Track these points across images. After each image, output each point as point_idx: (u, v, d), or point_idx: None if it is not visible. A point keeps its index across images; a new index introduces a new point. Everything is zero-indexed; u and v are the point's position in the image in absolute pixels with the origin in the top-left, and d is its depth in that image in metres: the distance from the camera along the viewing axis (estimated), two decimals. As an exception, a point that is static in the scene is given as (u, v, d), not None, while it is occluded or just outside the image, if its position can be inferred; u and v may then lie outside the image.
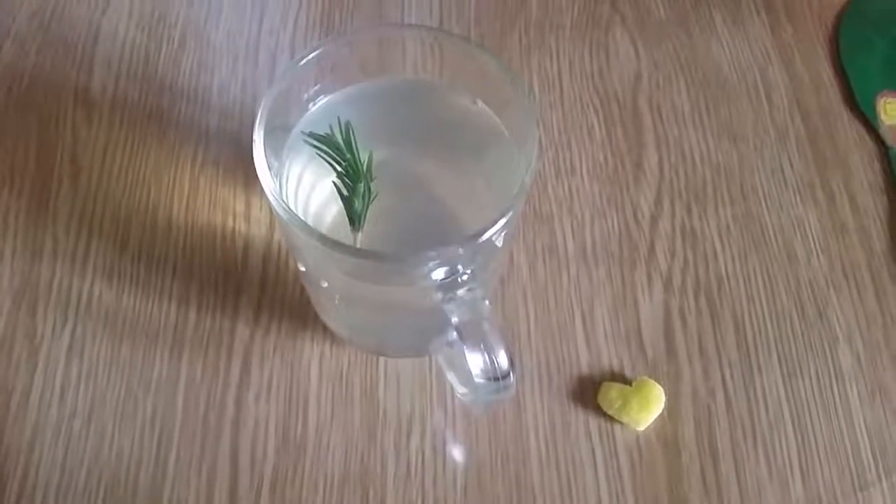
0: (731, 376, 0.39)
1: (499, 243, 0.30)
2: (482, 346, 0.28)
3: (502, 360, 0.28)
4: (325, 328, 0.39)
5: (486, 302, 0.28)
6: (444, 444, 0.37)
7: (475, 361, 0.28)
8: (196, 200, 0.42)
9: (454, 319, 0.28)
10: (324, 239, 0.27)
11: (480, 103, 0.34)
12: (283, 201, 0.28)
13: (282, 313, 0.39)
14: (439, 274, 0.29)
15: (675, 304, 0.40)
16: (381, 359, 0.38)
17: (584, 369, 0.38)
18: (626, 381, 0.38)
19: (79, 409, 0.36)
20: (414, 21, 0.48)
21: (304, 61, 0.31)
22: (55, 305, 0.39)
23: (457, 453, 0.36)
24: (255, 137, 0.30)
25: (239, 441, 0.36)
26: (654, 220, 0.42)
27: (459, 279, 0.29)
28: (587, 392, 0.38)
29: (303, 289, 0.39)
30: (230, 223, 0.41)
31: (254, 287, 0.40)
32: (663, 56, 0.48)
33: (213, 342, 0.38)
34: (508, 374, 0.28)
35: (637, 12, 0.49)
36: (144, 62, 0.46)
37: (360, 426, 0.37)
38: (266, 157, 0.29)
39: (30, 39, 0.47)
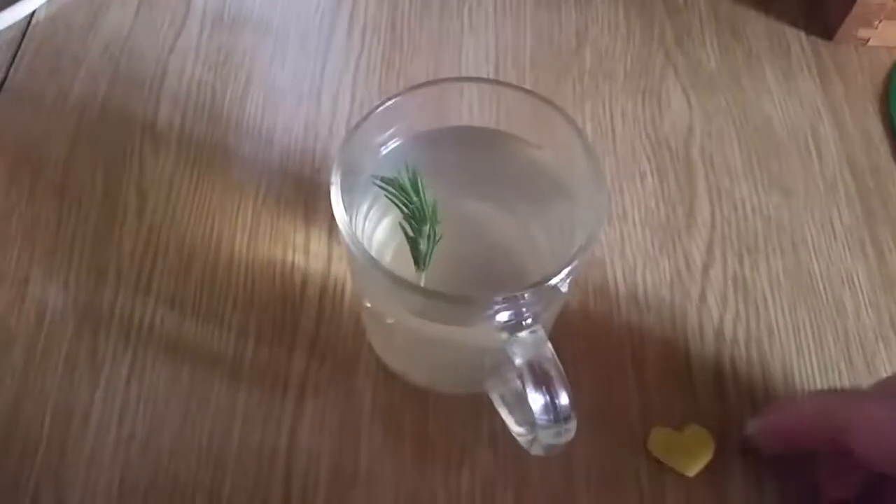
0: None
1: (563, 289, 0.31)
2: (545, 388, 0.28)
3: (564, 402, 0.28)
4: (377, 362, 0.39)
5: (549, 344, 0.29)
6: (494, 484, 0.37)
7: (537, 403, 0.28)
8: (258, 234, 0.43)
9: (517, 360, 0.29)
10: (397, 279, 0.28)
11: (543, 152, 0.35)
12: (360, 243, 0.29)
13: (336, 346, 0.40)
14: (504, 316, 0.29)
15: (726, 353, 0.40)
16: (431, 394, 0.39)
17: (635, 414, 0.39)
18: (677, 427, 0.38)
19: (137, 433, 0.37)
20: (471, 66, 0.49)
21: (378, 110, 0.32)
22: (117, 330, 0.40)
23: (507, 491, 0.37)
24: (332, 181, 0.30)
25: (292, 473, 0.36)
26: (706, 268, 0.43)
27: (523, 322, 0.29)
28: (637, 437, 0.38)
29: (357, 323, 0.40)
30: (290, 257, 0.42)
31: (310, 320, 0.40)
32: (715, 108, 0.49)
33: (269, 372, 0.39)
34: (570, 416, 0.28)
35: (689, 63, 0.50)
36: (210, 99, 0.47)
37: (410, 461, 0.37)
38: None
39: (101, 72, 0.48)
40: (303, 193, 0.44)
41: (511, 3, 0.52)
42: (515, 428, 0.35)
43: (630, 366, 0.40)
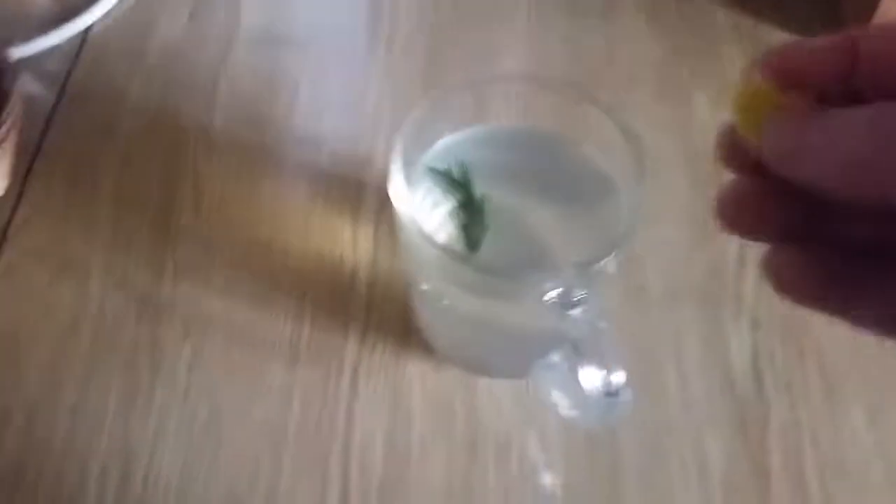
0: (817, 413, 0.40)
1: (611, 269, 0.32)
2: (600, 363, 0.30)
3: (620, 376, 0.30)
4: (426, 348, 0.41)
5: (603, 321, 0.30)
6: (543, 465, 0.38)
7: (593, 378, 0.30)
8: (308, 231, 0.45)
9: (571, 337, 0.30)
10: (455, 255, 0.30)
11: (586, 147, 0.37)
12: (419, 223, 0.31)
13: (386, 334, 0.41)
14: (555, 294, 0.31)
15: (762, 343, 0.42)
16: (480, 379, 0.40)
17: (676, 402, 0.40)
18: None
19: (199, 413, 0.39)
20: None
21: (431, 106, 0.35)
22: (178, 318, 0.41)
23: (555, 474, 0.38)
24: (393, 168, 0.32)
25: (349, 449, 0.38)
26: (741, 264, 0.44)
27: (575, 300, 0.31)
28: (680, 423, 0.39)
29: (406, 311, 0.42)
30: (338, 251, 0.44)
31: (360, 309, 0.42)
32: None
33: (324, 357, 0.40)
34: (626, 390, 0.30)
35: (714, 73, 0.52)
36: (260, 108, 0.50)
37: (461, 442, 0.39)
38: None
39: (154, 82, 0.51)
40: (349, 194, 0.46)
41: (544, 15, 0.55)
42: (567, 410, 0.36)
43: (670, 357, 0.41)
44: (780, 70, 0.20)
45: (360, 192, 0.46)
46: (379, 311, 0.42)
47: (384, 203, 0.46)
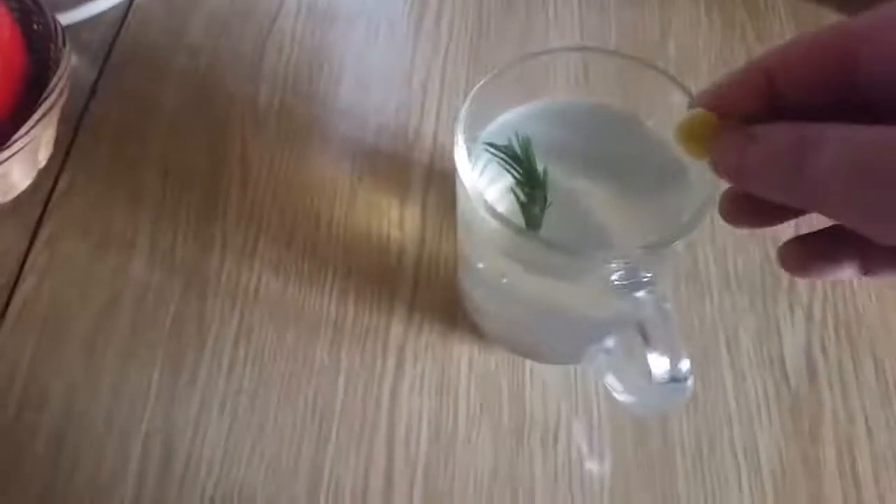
0: (871, 405, 0.39)
1: (679, 249, 0.31)
2: (666, 346, 0.29)
3: (684, 361, 0.29)
4: (472, 330, 0.40)
5: (669, 303, 0.30)
6: (591, 451, 0.37)
7: (658, 362, 0.29)
8: (354, 207, 0.44)
9: (637, 319, 0.29)
10: (521, 230, 0.29)
11: (653, 125, 0.35)
12: (485, 199, 0.30)
13: (433, 315, 0.41)
14: (622, 275, 0.30)
15: (816, 335, 0.41)
16: (528, 363, 0.39)
17: (728, 391, 0.39)
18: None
19: (244, 387, 0.38)
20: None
21: (494, 78, 0.33)
22: (224, 292, 0.41)
23: (603, 461, 0.37)
24: (457, 141, 0.32)
25: (394, 429, 0.37)
26: (795, 252, 0.43)
27: (642, 280, 0.30)
28: (732, 412, 0.39)
29: (453, 293, 0.41)
30: (385, 229, 0.43)
31: (407, 289, 0.41)
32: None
33: (370, 336, 0.40)
34: (689, 375, 0.29)
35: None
36: (307, 80, 0.49)
37: (507, 426, 0.38)
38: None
39: (201, 51, 0.50)
40: (396, 171, 0.46)
41: (597, -5, 0.54)
42: (622, 395, 0.35)
43: (724, 348, 0.40)
44: (711, 104, 0.24)
45: (407, 169, 0.46)
46: (425, 292, 0.41)
47: (431, 181, 0.45)
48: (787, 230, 0.43)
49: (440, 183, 0.45)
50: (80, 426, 0.38)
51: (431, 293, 0.41)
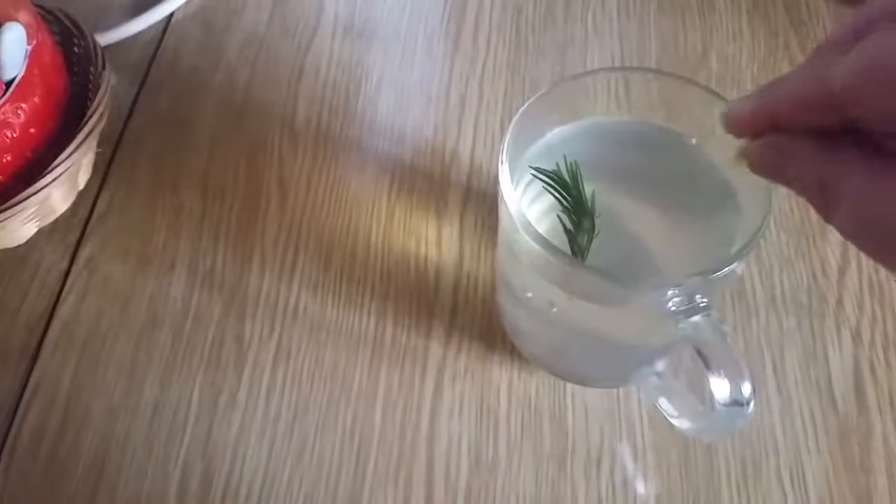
0: (926, 433, 0.38)
1: (739, 271, 0.30)
2: (726, 371, 0.28)
3: (746, 385, 0.28)
4: (512, 353, 0.40)
5: (726, 326, 0.29)
6: (635, 478, 0.37)
7: (720, 385, 0.28)
8: (392, 228, 0.44)
9: (694, 344, 0.29)
10: (574, 262, 0.29)
11: (703, 148, 0.35)
12: (534, 227, 0.29)
13: (472, 337, 0.40)
14: (676, 301, 0.29)
15: (864, 357, 0.40)
16: (569, 387, 0.39)
17: (775, 414, 0.38)
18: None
19: (283, 414, 0.38)
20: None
21: (540, 100, 0.33)
22: (263, 314, 0.41)
23: (647, 488, 0.36)
24: (501, 166, 0.31)
25: (434, 456, 0.37)
26: (842, 273, 0.42)
27: (698, 305, 0.29)
28: (779, 437, 0.38)
29: (491, 314, 0.41)
30: (423, 250, 0.43)
31: (445, 311, 0.41)
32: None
33: (408, 359, 0.40)
34: (752, 399, 0.28)
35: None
36: (344, 100, 0.49)
37: (549, 452, 0.37)
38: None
39: (238, 70, 0.50)
40: (434, 190, 0.45)
41: (635, 8, 0.53)
42: (678, 420, 0.34)
43: (770, 369, 0.39)
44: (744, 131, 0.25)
45: (444, 188, 0.45)
46: (464, 313, 0.41)
47: (469, 201, 0.45)
48: (835, 251, 0.43)
49: (478, 202, 0.45)
50: (120, 448, 0.38)
51: (470, 314, 0.41)
